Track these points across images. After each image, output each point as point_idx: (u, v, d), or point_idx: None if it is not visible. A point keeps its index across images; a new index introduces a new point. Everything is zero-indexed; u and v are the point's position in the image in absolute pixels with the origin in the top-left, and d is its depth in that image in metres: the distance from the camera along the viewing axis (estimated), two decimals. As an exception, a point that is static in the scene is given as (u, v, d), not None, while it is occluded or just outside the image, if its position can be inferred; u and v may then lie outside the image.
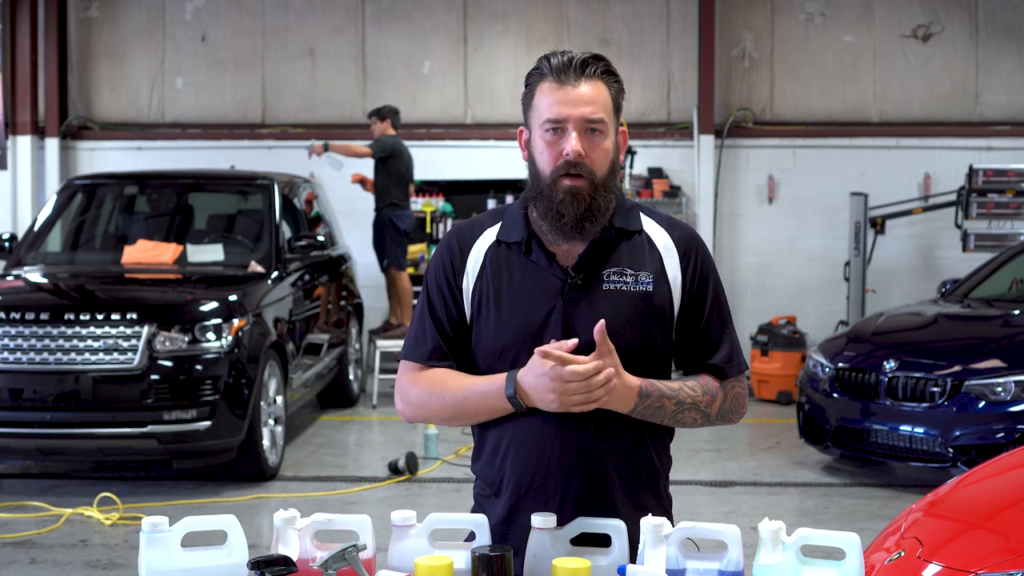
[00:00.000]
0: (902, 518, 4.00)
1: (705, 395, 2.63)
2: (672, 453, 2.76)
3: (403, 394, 2.70)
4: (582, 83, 2.53)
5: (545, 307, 2.58)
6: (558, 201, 2.53)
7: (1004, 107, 11.98)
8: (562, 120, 2.52)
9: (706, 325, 2.67)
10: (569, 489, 2.58)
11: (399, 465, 7.94)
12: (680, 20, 12.08)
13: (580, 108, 2.52)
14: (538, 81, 2.58)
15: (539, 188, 2.57)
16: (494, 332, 2.61)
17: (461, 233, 2.69)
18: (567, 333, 2.55)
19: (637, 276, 2.60)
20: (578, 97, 2.52)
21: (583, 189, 2.52)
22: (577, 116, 2.51)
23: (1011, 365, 7.39)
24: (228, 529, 2.35)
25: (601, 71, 2.56)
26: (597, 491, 2.59)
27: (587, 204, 2.52)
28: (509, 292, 2.60)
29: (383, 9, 12.28)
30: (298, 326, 8.67)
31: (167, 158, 12.02)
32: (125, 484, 7.72)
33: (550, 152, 2.54)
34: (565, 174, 2.52)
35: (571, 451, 2.57)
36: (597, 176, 2.54)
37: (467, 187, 11.98)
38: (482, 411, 2.61)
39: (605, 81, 2.57)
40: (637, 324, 2.58)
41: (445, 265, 2.66)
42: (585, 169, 2.52)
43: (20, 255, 8.67)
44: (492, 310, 2.61)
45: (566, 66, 2.53)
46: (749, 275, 12.04)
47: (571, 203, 2.52)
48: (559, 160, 2.53)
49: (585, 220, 2.54)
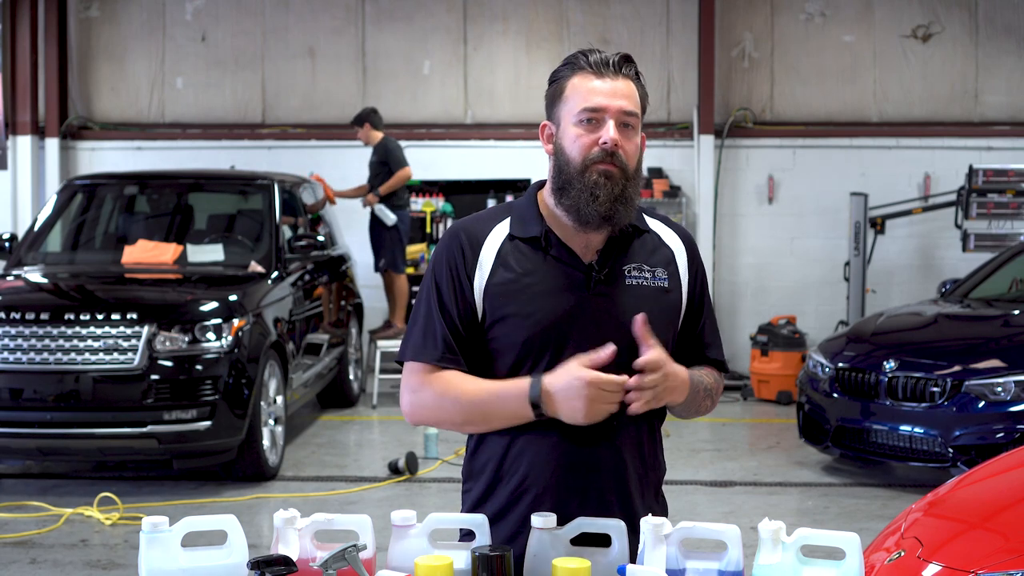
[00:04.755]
0: (902, 518, 4.00)
1: (715, 382, 2.74)
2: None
3: (413, 395, 2.63)
4: (620, 78, 2.56)
5: (569, 301, 2.57)
6: (592, 183, 2.52)
7: (1004, 107, 11.98)
8: (600, 110, 2.53)
9: (704, 323, 2.74)
10: (593, 483, 2.58)
11: (399, 465, 7.94)
12: (680, 20, 12.08)
13: (618, 100, 2.54)
14: (570, 75, 2.58)
15: (567, 177, 2.56)
16: (515, 327, 2.58)
17: (469, 229, 2.65)
18: (593, 327, 2.55)
19: (654, 272, 2.63)
20: (616, 90, 2.55)
21: (616, 175, 2.53)
22: (616, 107, 2.53)
23: (1011, 365, 7.39)
24: (228, 529, 2.34)
25: (635, 72, 2.60)
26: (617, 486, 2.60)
27: (621, 188, 2.54)
28: (530, 287, 2.58)
29: (383, 9, 12.28)
30: (298, 326, 8.67)
31: (167, 158, 12.02)
32: (125, 484, 7.72)
33: (584, 140, 2.54)
34: (600, 161, 2.53)
35: (597, 444, 2.58)
36: (629, 169, 2.55)
37: (467, 187, 11.98)
38: (500, 416, 2.56)
39: (637, 83, 2.60)
40: (658, 318, 2.60)
41: (455, 260, 2.62)
42: (620, 159, 2.54)
43: (20, 255, 8.68)
44: (512, 306, 2.58)
45: (605, 62, 2.56)
46: (749, 275, 12.04)
47: (606, 185, 2.52)
48: (593, 148, 2.53)
49: (618, 203, 2.53)
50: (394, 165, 10.65)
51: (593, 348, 2.51)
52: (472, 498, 2.70)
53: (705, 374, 2.69)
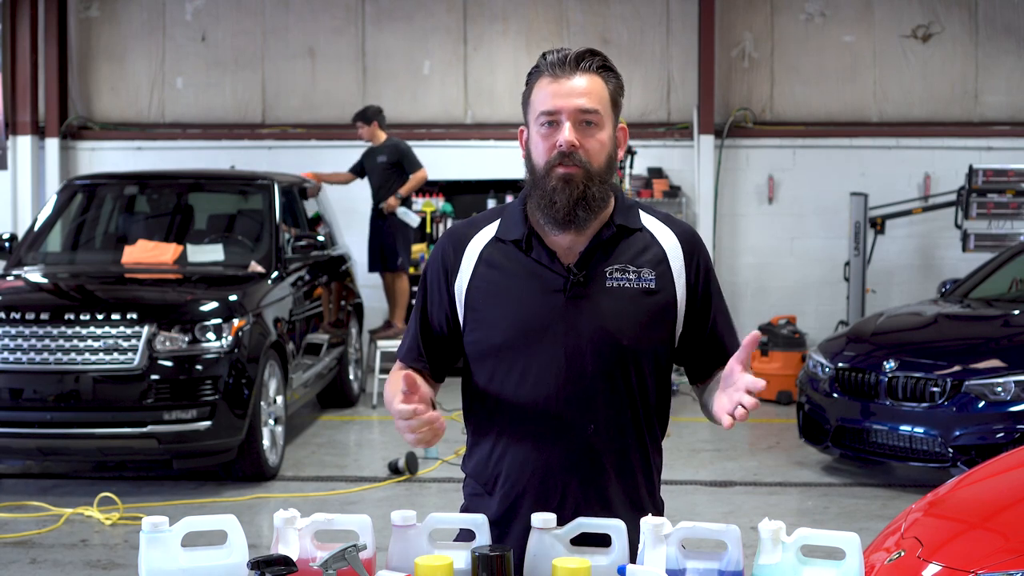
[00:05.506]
0: (902, 518, 4.00)
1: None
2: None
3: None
4: (576, 76, 2.53)
5: (547, 304, 2.56)
6: (551, 188, 2.51)
7: (1004, 107, 11.98)
8: (556, 112, 2.52)
9: (714, 323, 2.67)
10: (569, 487, 2.57)
11: (399, 465, 7.94)
12: (680, 20, 12.08)
13: (574, 100, 2.51)
14: (536, 78, 2.58)
15: (534, 180, 2.57)
16: (492, 328, 2.59)
17: (456, 233, 2.68)
18: (569, 331, 2.54)
19: (640, 273, 2.58)
20: (572, 89, 2.52)
21: (576, 176, 2.51)
22: (571, 108, 2.51)
23: (1011, 365, 7.39)
24: (228, 529, 2.34)
25: (597, 66, 2.56)
26: (595, 490, 2.58)
27: (580, 191, 2.51)
28: (508, 289, 2.58)
29: (383, 9, 12.28)
30: (298, 326, 8.67)
31: (167, 158, 12.02)
32: (125, 484, 7.72)
33: (545, 144, 2.53)
34: (559, 164, 2.51)
35: (573, 449, 2.57)
36: (592, 167, 2.52)
37: (467, 187, 11.98)
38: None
39: (602, 76, 2.56)
40: (640, 322, 2.57)
41: (438, 267, 2.66)
42: (578, 159, 2.51)
43: (20, 255, 8.67)
44: (489, 307, 2.59)
45: (562, 61, 2.54)
46: (749, 275, 12.04)
47: (563, 190, 2.50)
48: (553, 151, 2.52)
49: (578, 208, 2.51)
50: (410, 167, 10.62)
51: (568, 352, 2.52)
52: (467, 495, 2.75)
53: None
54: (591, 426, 2.55)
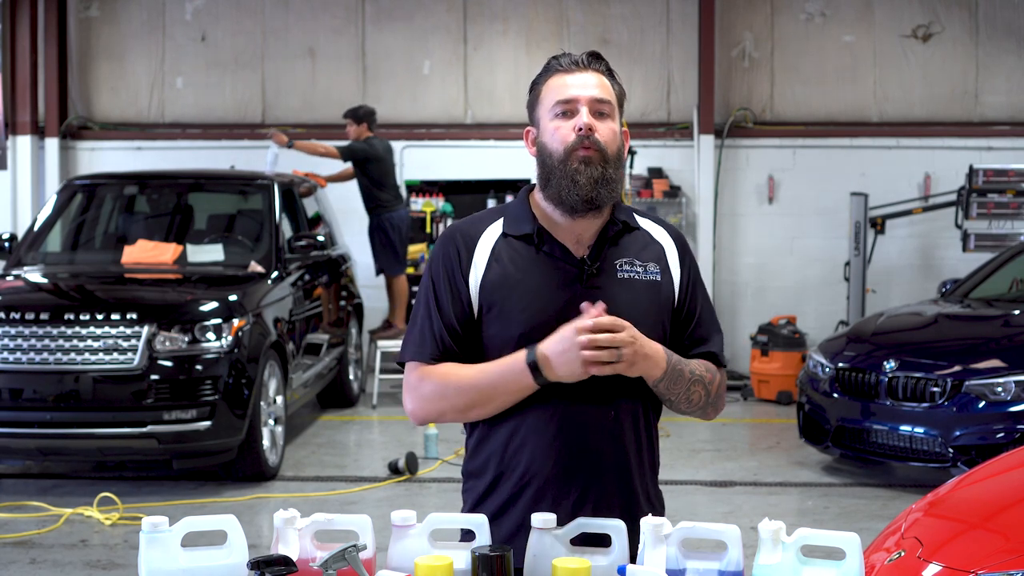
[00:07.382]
0: (902, 518, 4.00)
1: (708, 372, 2.71)
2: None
3: (415, 392, 2.65)
4: (589, 72, 2.66)
5: (563, 295, 2.60)
6: (572, 170, 2.59)
7: (1004, 107, 11.98)
8: (573, 100, 2.62)
9: (699, 320, 2.75)
10: (592, 475, 2.60)
11: (399, 465, 7.94)
12: (680, 20, 12.08)
13: (589, 90, 2.63)
14: (547, 76, 2.69)
15: (550, 168, 2.63)
16: (510, 322, 2.61)
17: (464, 229, 2.71)
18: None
19: (646, 267, 2.68)
20: (586, 81, 2.65)
21: (595, 158, 2.60)
22: (587, 96, 2.62)
23: (1011, 365, 7.39)
24: (228, 529, 2.34)
25: (605, 68, 2.69)
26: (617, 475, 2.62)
27: (600, 172, 2.59)
28: (524, 282, 2.62)
29: (383, 9, 12.28)
30: (298, 326, 8.67)
31: (167, 158, 12.02)
32: (125, 484, 7.72)
33: (562, 131, 2.62)
34: (580, 146, 2.59)
35: (598, 434, 2.60)
36: (608, 151, 2.61)
37: (467, 187, 11.98)
38: (502, 392, 2.58)
39: (608, 78, 2.69)
40: (651, 312, 2.65)
41: (451, 260, 2.66)
42: (596, 142, 2.60)
43: (20, 255, 8.67)
44: (506, 301, 2.62)
45: (574, 60, 2.67)
46: (749, 275, 12.04)
47: (585, 170, 2.58)
48: (571, 136, 2.60)
49: (600, 185, 2.59)
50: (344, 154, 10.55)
51: None
52: (473, 496, 2.72)
53: (695, 363, 2.68)
54: (612, 412, 2.61)
